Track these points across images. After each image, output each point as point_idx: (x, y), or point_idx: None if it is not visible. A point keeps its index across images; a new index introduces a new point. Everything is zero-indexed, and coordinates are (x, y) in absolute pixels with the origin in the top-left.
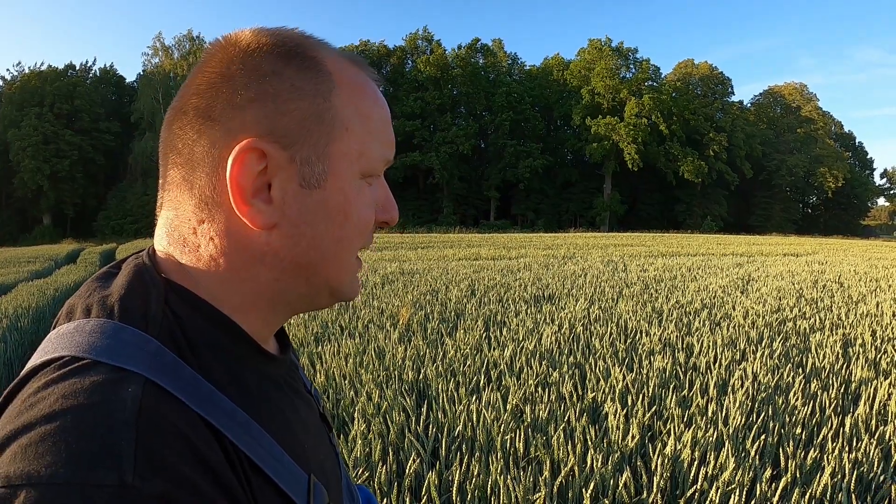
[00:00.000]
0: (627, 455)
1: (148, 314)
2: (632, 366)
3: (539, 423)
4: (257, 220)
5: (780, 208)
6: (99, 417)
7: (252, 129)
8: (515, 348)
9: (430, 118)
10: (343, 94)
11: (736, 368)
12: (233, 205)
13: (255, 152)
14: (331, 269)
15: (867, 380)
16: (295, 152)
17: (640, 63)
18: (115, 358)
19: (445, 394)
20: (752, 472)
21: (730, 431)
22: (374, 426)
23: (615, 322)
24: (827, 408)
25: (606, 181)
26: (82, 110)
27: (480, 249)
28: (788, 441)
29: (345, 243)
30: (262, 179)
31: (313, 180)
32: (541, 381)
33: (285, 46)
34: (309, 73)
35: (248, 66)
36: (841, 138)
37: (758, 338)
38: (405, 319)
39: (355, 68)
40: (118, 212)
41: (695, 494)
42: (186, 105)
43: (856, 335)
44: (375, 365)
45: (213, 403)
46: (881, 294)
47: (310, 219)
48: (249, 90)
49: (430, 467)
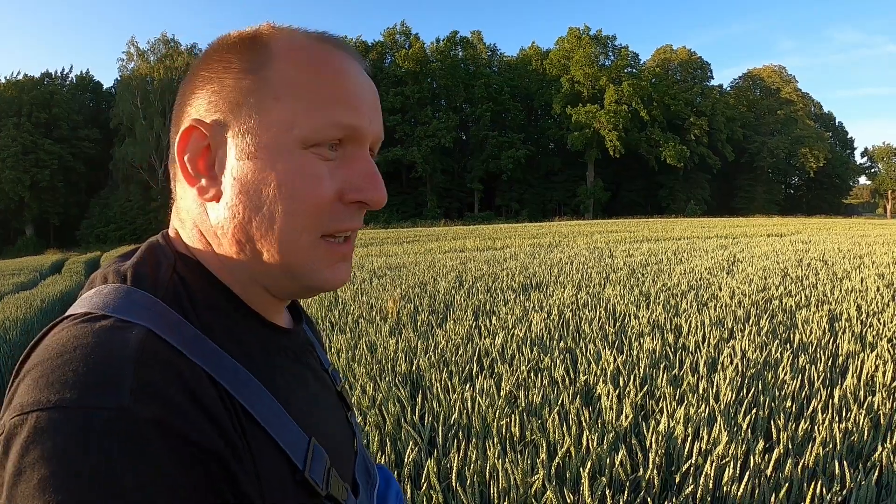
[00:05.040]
0: (622, 434)
1: (157, 279)
2: (622, 348)
3: (533, 407)
4: (203, 195)
5: (763, 190)
6: (103, 352)
7: (198, 111)
8: (506, 336)
9: (410, 112)
10: (279, 64)
11: (725, 346)
12: (184, 181)
13: (195, 131)
14: (275, 247)
15: (854, 353)
16: (229, 126)
17: (618, 50)
18: (123, 313)
19: (439, 383)
20: (744, 445)
21: (721, 407)
22: (370, 418)
23: (603, 307)
24: (816, 381)
25: (589, 169)
26: (60, 118)
27: (466, 241)
28: (779, 414)
29: (285, 219)
30: (209, 156)
31: (246, 152)
32: (533, 366)
33: (242, 36)
34: (248, 53)
35: (206, 57)
36: (821, 119)
37: (745, 316)
38: (393, 312)
39: (313, 41)
40: (101, 219)
41: (690, 469)
42: (178, 98)
43: (841, 310)
44: (368, 359)
45: (214, 358)
46: (865, 270)
47: (243, 190)
48: (199, 77)
49: (427, 455)
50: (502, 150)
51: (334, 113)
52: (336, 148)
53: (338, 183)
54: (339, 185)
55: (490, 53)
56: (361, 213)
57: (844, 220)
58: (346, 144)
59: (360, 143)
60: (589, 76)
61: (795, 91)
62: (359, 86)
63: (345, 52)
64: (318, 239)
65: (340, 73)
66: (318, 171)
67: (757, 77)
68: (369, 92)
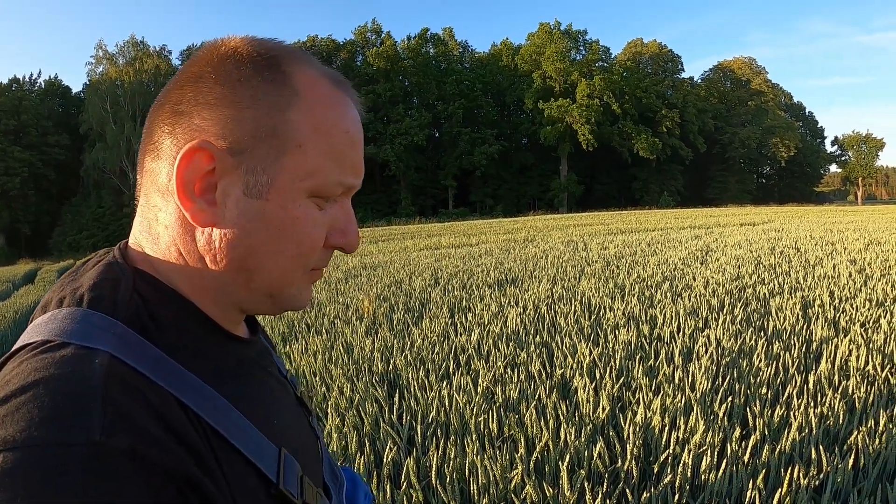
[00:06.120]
0: (599, 426)
1: (116, 300)
2: (598, 341)
3: (511, 402)
4: (198, 218)
5: (735, 180)
6: (68, 384)
7: (208, 130)
8: (482, 332)
9: (382, 110)
10: (304, 110)
11: (699, 336)
12: (177, 199)
13: (203, 153)
14: (268, 279)
15: (828, 338)
16: (243, 160)
17: (589, 45)
18: (83, 339)
19: (416, 382)
20: (721, 432)
21: (697, 396)
22: (349, 419)
23: (579, 300)
24: (790, 367)
25: (562, 163)
26: (29, 125)
27: (441, 238)
28: (755, 401)
29: (283, 258)
30: (210, 180)
31: (256, 190)
32: (509, 362)
33: (261, 56)
34: (273, 86)
35: (220, 70)
36: (791, 109)
37: (719, 305)
38: (369, 312)
39: (329, 87)
40: (73, 227)
41: (668, 458)
42: (165, 100)
43: (814, 297)
44: (344, 359)
45: (178, 379)
46: (837, 256)
47: (248, 227)
48: (214, 93)
49: (406, 454)
50: (475, 147)
51: (345, 174)
52: (329, 199)
53: (326, 229)
54: (326, 231)
55: (461, 50)
56: (333, 252)
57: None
58: (338, 197)
59: (349, 195)
60: (560, 71)
61: (765, 82)
62: (361, 141)
63: (350, 95)
64: (307, 273)
65: (352, 131)
66: (316, 219)
67: (727, 69)
68: (362, 139)
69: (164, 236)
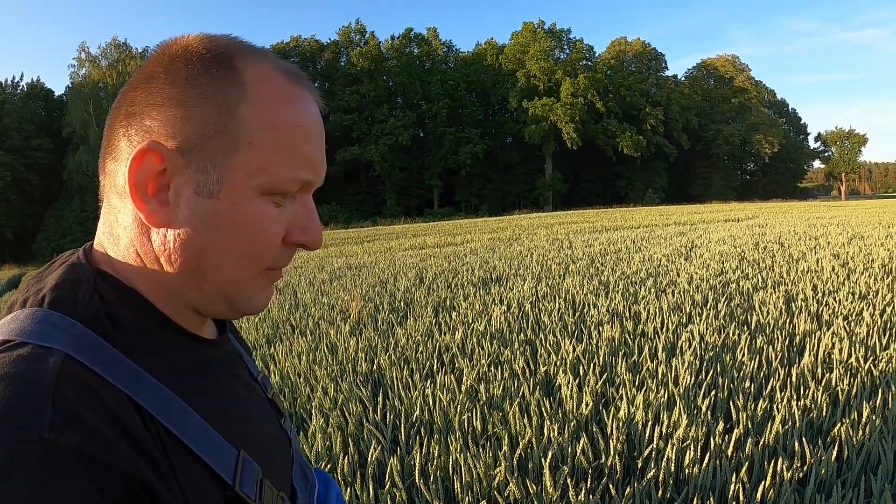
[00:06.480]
0: (583, 422)
1: (76, 301)
2: (581, 337)
3: (494, 400)
4: (152, 219)
5: (720, 176)
6: (22, 383)
7: (158, 130)
8: (466, 331)
9: (367, 111)
10: (255, 105)
11: (683, 331)
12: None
13: (153, 154)
14: (222, 280)
15: (811, 332)
16: (192, 159)
17: (573, 43)
18: (41, 339)
19: (400, 381)
20: (704, 427)
21: (680, 391)
22: (333, 419)
23: (563, 297)
24: (774, 361)
25: (547, 161)
26: (11, 129)
27: (426, 238)
28: (738, 395)
29: (235, 257)
30: (162, 180)
31: (207, 189)
32: (493, 360)
33: (211, 53)
34: (222, 82)
35: (170, 70)
36: (774, 106)
37: (703, 301)
38: (356, 312)
39: (283, 82)
40: (57, 231)
41: (651, 453)
42: (120, 102)
43: (797, 291)
44: (329, 360)
45: (135, 379)
46: (820, 251)
47: (200, 227)
48: (163, 93)
49: (391, 454)
50: (460, 146)
51: (299, 170)
52: (286, 196)
53: (283, 226)
54: (285, 228)
55: (446, 50)
56: (295, 250)
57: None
58: (296, 193)
59: (308, 191)
60: (544, 70)
61: (749, 79)
62: (319, 137)
63: (307, 90)
64: (261, 273)
65: (307, 125)
66: (271, 217)
67: (711, 67)
68: (322, 137)
69: (123, 238)
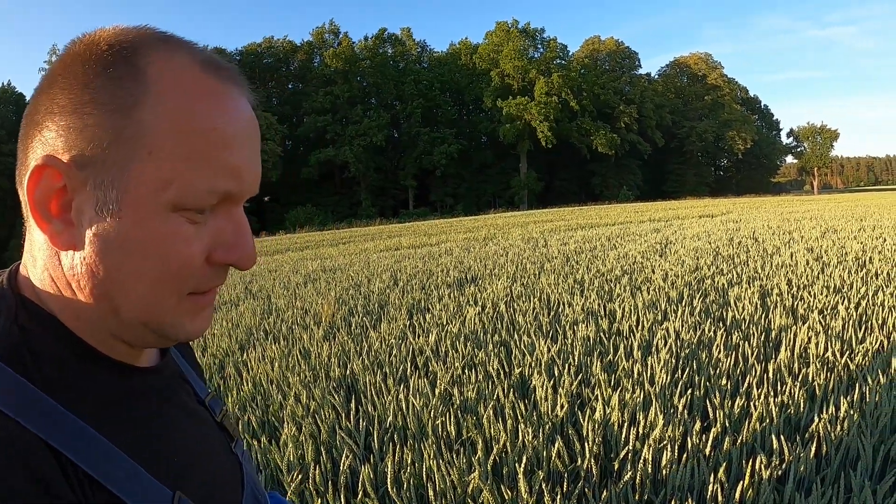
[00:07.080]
0: (558, 425)
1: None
2: (556, 337)
3: (468, 403)
4: (57, 241)
5: (694, 173)
6: None
7: (54, 143)
8: (440, 333)
9: (340, 112)
10: (157, 106)
11: (658, 329)
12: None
13: (50, 169)
14: (137, 308)
15: (786, 326)
16: (89, 174)
17: (547, 42)
18: None
19: (373, 386)
20: (681, 426)
21: (657, 390)
22: (305, 427)
23: (538, 297)
24: (750, 357)
25: (522, 160)
26: None
27: (401, 239)
28: (715, 393)
29: (149, 283)
30: (65, 198)
31: (107, 207)
32: (467, 362)
33: (112, 51)
34: (119, 83)
35: (68, 72)
36: (747, 102)
37: (678, 297)
38: (328, 316)
39: (198, 76)
40: None
41: (628, 455)
42: (28, 109)
43: (772, 286)
44: (302, 366)
45: (54, 423)
46: (794, 245)
47: (104, 248)
48: (59, 100)
49: (363, 461)
50: (435, 146)
51: (217, 179)
52: (205, 210)
53: (206, 244)
54: (207, 246)
55: (420, 50)
56: (227, 269)
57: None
58: (218, 205)
59: (235, 202)
60: (518, 69)
61: (721, 77)
62: (244, 139)
63: (231, 84)
64: (184, 297)
65: (225, 126)
66: (186, 235)
67: (684, 64)
68: (252, 139)
69: (39, 259)
